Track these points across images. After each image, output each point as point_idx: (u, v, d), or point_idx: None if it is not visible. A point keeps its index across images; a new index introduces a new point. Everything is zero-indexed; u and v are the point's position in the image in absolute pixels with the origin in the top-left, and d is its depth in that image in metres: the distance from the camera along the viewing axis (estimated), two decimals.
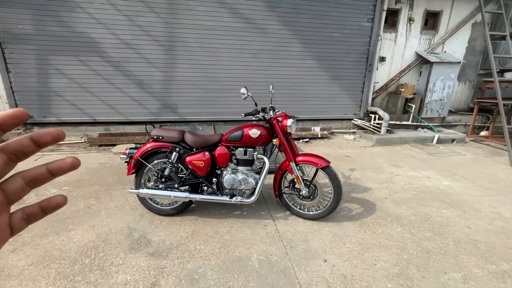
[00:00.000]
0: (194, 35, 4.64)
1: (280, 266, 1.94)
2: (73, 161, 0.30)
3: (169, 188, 2.40)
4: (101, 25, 4.29)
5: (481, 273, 1.92)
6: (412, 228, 2.45)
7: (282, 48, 5.03)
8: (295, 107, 5.28)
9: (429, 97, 5.72)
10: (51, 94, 4.43)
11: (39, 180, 0.30)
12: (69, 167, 0.30)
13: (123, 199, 2.81)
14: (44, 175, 0.30)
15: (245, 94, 2.23)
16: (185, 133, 2.41)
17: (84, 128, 4.72)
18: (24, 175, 0.29)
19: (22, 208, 0.30)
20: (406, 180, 3.51)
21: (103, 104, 4.64)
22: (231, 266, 1.93)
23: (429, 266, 1.98)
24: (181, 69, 4.76)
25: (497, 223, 2.57)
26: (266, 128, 2.38)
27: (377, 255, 2.09)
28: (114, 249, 2.07)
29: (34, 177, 0.29)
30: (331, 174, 2.33)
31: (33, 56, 4.22)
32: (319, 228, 2.40)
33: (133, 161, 2.38)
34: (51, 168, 0.30)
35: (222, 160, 2.37)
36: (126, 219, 2.47)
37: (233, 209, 2.68)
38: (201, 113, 5.06)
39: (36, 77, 4.32)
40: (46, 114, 4.50)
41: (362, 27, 5.19)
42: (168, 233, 2.29)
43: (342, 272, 1.90)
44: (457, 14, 5.74)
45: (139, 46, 4.51)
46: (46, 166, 0.30)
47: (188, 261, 1.97)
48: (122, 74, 4.57)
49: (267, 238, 2.26)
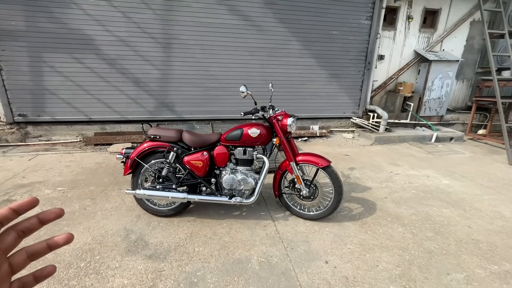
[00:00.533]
0: (191, 32, 4.56)
1: (281, 268, 1.90)
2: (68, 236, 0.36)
3: (167, 188, 2.35)
4: (96, 22, 4.20)
5: (484, 274, 1.91)
6: (413, 228, 2.42)
7: (280, 46, 4.98)
8: (294, 106, 5.24)
9: (428, 96, 5.71)
10: (45, 92, 4.33)
11: (39, 253, 0.35)
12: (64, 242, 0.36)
13: (119, 200, 2.75)
14: (44, 249, 0.35)
15: (244, 92, 2.18)
16: (183, 133, 2.35)
17: (79, 127, 4.63)
18: (27, 250, 0.34)
19: (19, 278, 0.34)
20: (405, 179, 3.49)
21: (98, 102, 4.55)
22: (230, 268, 1.89)
23: (431, 267, 1.96)
24: (178, 66, 4.69)
25: (498, 222, 2.56)
26: (266, 127, 2.33)
27: (379, 256, 2.06)
28: (110, 251, 2.02)
29: (36, 251, 0.35)
30: (332, 174, 2.30)
31: (26, 53, 4.12)
32: (319, 229, 2.37)
33: (129, 161, 2.33)
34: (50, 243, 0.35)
35: (221, 160, 2.32)
36: (122, 221, 2.41)
37: (232, 210, 2.63)
38: (198, 112, 4.99)
39: (29, 75, 4.22)
40: (40, 113, 4.41)
41: (361, 24, 5.15)
42: (166, 234, 2.24)
43: (344, 274, 1.87)
44: (456, 12, 5.73)
45: (135, 43, 4.42)
46: (46, 241, 0.35)
47: (186, 263, 1.92)
48: (118, 71, 4.49)
49: (267, 239, 2.22)
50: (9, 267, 0.32)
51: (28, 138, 4.49)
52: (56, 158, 3.93)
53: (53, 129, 4.55)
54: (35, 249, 0.35)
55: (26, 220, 0.34)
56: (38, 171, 3.43)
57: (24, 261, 0.34)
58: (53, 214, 0.34)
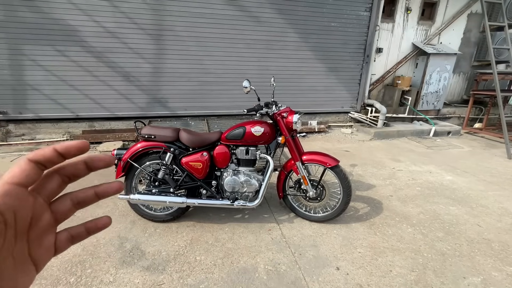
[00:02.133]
0: (183, 24, 4.31)
1: (290, 277, 1.78)
2: (119, 185, 0.32)
3: (164, 192, 2.18)
4: (81, 11, 3.89)
5: (500, 276, 1.83)
6: (422, 228, 2.34)
7: (277, 38, 4.78)
8: (291, 100, 5.06)
9: (425, 89, 5.65)
10: (26, 88, 4.03)
11: (86, 202, 0.31)
12: (115, 191, 0.32)
13: (111, 204, 2.56)
14: (91, 197, 0.31)
15: (247, 87, 2.01)
16: (180, 132, 2.17)
17: (65, 124, 4.35)
18: (72, 196, 0.30)
19: (68, 229, 0.31)
20: (409, 176, 3.42)
21: (86, 98, 4.27)
22: (236, 279, 1.75)
23: (446, 270, 1.87)
24: (171, 60, 4.44)
25: (506, 219, 2.50)
26: (270, 125, 2.17)
27: (391, 259, 1.96)
28: (103, 263, 1.84)
29: (82, 199, 0.30)
30: (340, 174, 2.17)
31: (5, 46, 3.79)
32: (327, 231, 2.25)
33: (122, 163, 2.14)
34: (98, 191, 0.31)
35: (222, 160, 2.16)
36: (116, 228, 2.23)
37: (234, 213, 2.48)
38: (193, 107, 4.78)
39: (8, 69, 3.90)
40: (22, 110, 4.10)
41: (360, 16, 5.00)
42: (164, 242, 2.08)
43: (357, 281, 1.76)
44: (454, 4, 5.65)
45: (124, 35, 4.15)
46: (94, 189, 0.31)
47: (188, 275, 1.77)
48: (106, 65, 4.21)
49: (273, 244, 2.09)
50: (53, 215, 0.29)
51: (9, 137, 4.19)
52: None
53: (37, 127, 4.26)
54: (82, 196, 0.30)
55: (73, 163, 0.29)
56: None
57: (69, 209, 0.30)
58: (102, 162, 0.30)
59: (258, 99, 2.19)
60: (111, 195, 0.32)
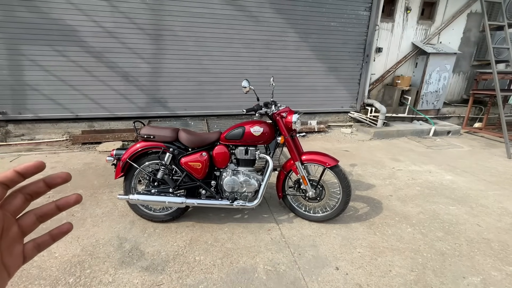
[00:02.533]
0: (182, 24, 4.30)
1: (289, 277, 1.77)
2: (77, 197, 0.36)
3: (163, 192, 2.17)
4: (80, 11, 3.89)
5: (500, 276, 1.83)
6: (422, 228, 2.34)
7: (276, 38, 4.78)
8: (291, 100, 5.07)
9: (425, 89, 5.65)
10: (26, 88, 4.02)
11: (48, 215, 0.35)
12: (74, 202, 0.36)
13: (111, 204, 2.56)
14: (53, 210, 0.35)
15: (247, 87, 2.01)
16: (179, 132, 2.17)
17: (65, 125, 4.35)
18: (36, 212, 0.34)
19: (34, 239, 0.35)
20: (408, 175, 3.41)
21: (85, 98, 4.27)
22: (236, 279, 1.75)
23: (446, 270, 1.87)
24: (170, 60, 4.44)
25: (506, 219, 2.50)
26: (269, 125, 2.17)
27: (391, 259, 1.96)
28: (102, 264, 1.84)
29: (45, 213, 0.35)
30: (340, 174, 2.17)
31: (3, 46, 3.79)
32: (326, 231, 2.25)
33: (121, 163, 2.13)
34: (59, 204, 0.35)
35: (221, 160, 2.15)
36: (115, 228, 2.22)
37: (233, 213, 2.48)
38: (192, 107, 4.77)
39: (7, 69, 3.89)
40: (22, 110, 4.10)
41: (360, 16, 5.00)
42: (163, 242, 2.07)
43: (357, 281, 1.76)
44: (454, 4, 5.64)
45: (123, 35, 4.14)
46: (55, 203, 0.35)
47: (187, 275, 1.77)
48: (105, 65, 4.21)
49: (273, 244, 2.09)
50: (20, 228, 0.32)
51: (9, 137, 4.19)
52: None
53: (37, 127, 4.26)
54: (44, 210, 0.35)
55: (33, 183, 0.33)
56: None
57: (34, 223, 0.34)
58: (60, 178, 0.34)
59: (257, 99, 2.18)
60: (71, 206, 0.36)
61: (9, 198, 0.32)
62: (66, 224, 0.37)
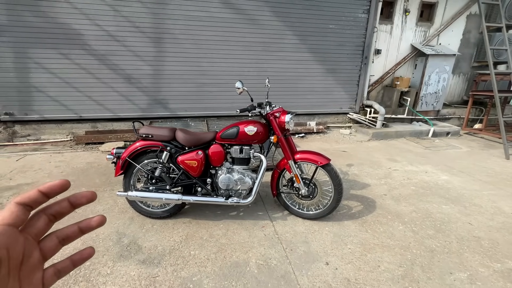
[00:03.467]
0: (182, 27, 4.41)
1: (280, 271, 1.84)
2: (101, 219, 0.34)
3: (160, 189, 2.26)
4: (84, 16, 4.02)
5: (487, 272, 1.87)
6: (414, 226, 2.38)
7: (275, 40, 4.86)
8: (290, 102, 5.15)
9: (424, 90, 5.67)
10: (32, 89, 4.16)
11: (70, 238, 0.33)
12: (97, 224, 0.34)
13: (111, 202, 2.65)
14: (76, 233, 0.33)
15: (240, 88, 2.08)
16: (176, 131, 2.25)
17: (69, 125, 4.48)
18: (58, 234, 0.32)
19: (54, 264, 0.32)
20: (404, 175, 3.45)
21: (89, 100, 4.40)
22: (228, 272, 1.81)
23: (434, 266, 1.91)
24: (170, 62, 4.55)
25: (498, 218, 2.53)
26: (263, 125, 2.24)
27: (380, 256, 2.01)
28: (101, 257, 1.93)
29: (67, 235, 0.33)
30: (331, 172, 2.23)
31: (10, 49, 3.94)
32: (319, 228, 2.31)
33: (120, 162, 2.22)
34: (82, 226, 0.33)
35: (217, 159, 2.23)
36: (115, 224, 2.31)
37: (229, 210, 2.55)
38: (192, 109, 4.87)
39: (14, 72, 4.04)
40: (28, 111, 4.24)
41: (358, 18, 5.06)
42: (160, 237, 2.15)
43: (345, 276, 1.81)
44: (453, 6, 5.67)
45: (125, 38, 4.26)
46: (78, 225, 0.33)
47: (182, 268, 1.84)
48: (108, 68, 4.33)
49: (266, 240, 2.15)
50: (41, 253, 0.30)
51: (15, 137, 4.33)
52: (45, 158, 3.79)
53: (42, 128, 4.39)
54: (66, 233, 0.33)
55: (57, 203, 0.32)
56: (26, 172, 3.29)
57: (56, 246, 0.32)
58: (84, 198, 0.32)
59: (251, 100, 2.26)
60: (94, 228, 0.34)
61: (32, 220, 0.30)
62: (88, 249, 0.35)
